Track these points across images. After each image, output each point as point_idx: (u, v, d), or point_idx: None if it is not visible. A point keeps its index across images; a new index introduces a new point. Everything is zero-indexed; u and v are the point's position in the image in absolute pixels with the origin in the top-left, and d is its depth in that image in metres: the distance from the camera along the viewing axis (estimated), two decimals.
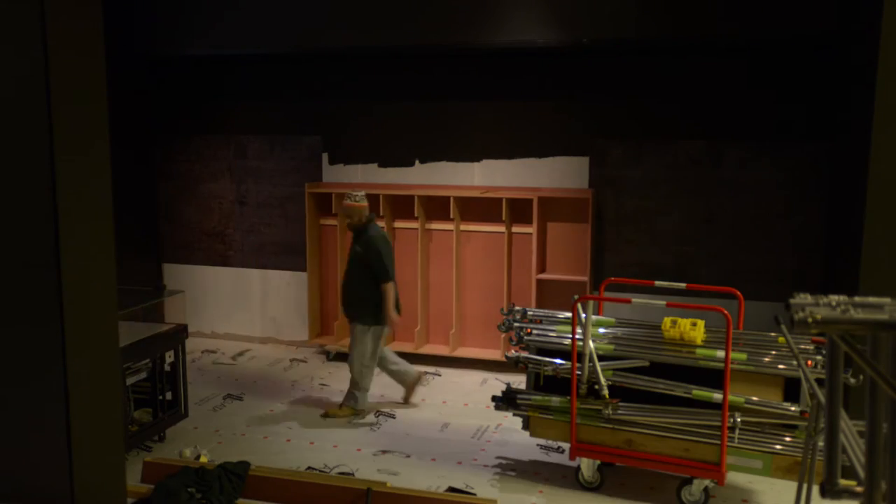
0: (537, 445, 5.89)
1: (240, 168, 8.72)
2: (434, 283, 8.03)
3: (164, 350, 5.83)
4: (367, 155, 8.23)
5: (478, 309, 7.89)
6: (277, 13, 7.52)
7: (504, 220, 7.56)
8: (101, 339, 3.57)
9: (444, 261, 7.93)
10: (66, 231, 3.28)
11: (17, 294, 3.37)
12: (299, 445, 5.90)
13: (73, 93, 3.33)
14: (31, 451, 3.44)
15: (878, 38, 5.10)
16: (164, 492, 4.70)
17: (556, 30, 6.87)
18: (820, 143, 6.94)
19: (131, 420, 5.61)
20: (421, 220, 7.87)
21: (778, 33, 6.47)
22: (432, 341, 8.07)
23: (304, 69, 8.37)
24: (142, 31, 8.05)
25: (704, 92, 7.21)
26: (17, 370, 3.41)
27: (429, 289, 8.04)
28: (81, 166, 3.40)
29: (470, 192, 7.70)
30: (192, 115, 8.83)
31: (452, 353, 7.85)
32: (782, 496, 5.13)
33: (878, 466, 1.76)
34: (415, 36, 7.21)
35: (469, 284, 7.91)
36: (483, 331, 7.86)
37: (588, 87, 7.55)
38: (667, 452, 4.93)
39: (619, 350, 5.06)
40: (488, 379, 7.53)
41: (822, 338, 4.45)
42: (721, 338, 4.95)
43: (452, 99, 7.92)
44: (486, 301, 7.83)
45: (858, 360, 1.69)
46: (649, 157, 7.41)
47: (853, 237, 5.53)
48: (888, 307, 1.74)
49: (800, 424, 4.65)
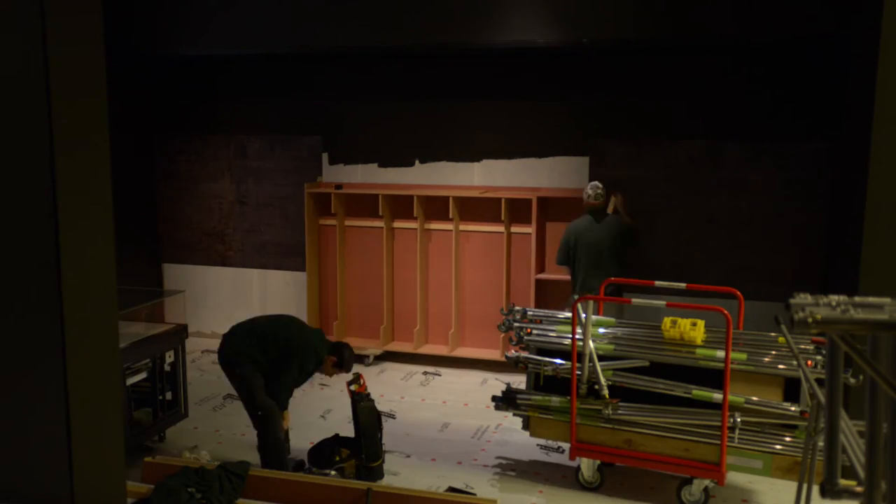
0: (537, 445, 5.89)
1: (240, 168, 8.72)
2: (433, 283, 8.03)
3: (164, 350, 5.83)
4: (367, 155, 8.23)
5: (477, 309, 7.90)
6: (277, 13, 7.52)
7: (503, 220, 7.56)
8: (101, 339, 3.56)
9: (443, 260, 7.93)
10: (66, 231, 3.28)
11: (17, 294, 3.36)
12: (300, 446, 5.90)
13: (74, 92, 3.32)
14: (31, 452, 3.44)
15: (878, 38, 5.10)
16: (164, 492, 4.69)
17: (556, 30, 6.87)
18: (820, 143, 6.94)
19: (131, 420, 5.61)
20: (420, 220, 7.87)
21: (778, 33, 6.47)
22: (432, 341, 8.07)
23: (304, 69, 8.37)
24: (142, 31, 8.04)
25: (704, 92, 7.22)
26: (17, 370, 3.41)
27: (428, 288, 8.04)
28: (81, 166, 3.40)
29: (469, 192, 7.70)
30: (192, 115, 8.83)
31: (451, 352, 7.85)
32: (782, 496, 5.13)
33: (878, 466, 1.76)
34: (415, 36, 7.21)
35: (468, 284, 7.92)
36: (482, 331, 7.87)
37: (588, 87, 7.55)
38: (667, 452, 4.92)
39: (619, 350, 5.06)
40: (488, 379, 7.53)
41: (822, 338, 4.45)
42: (721, 338, 4.95)
43: (452, 99, 7.92)
44: (485, 301, 7.84)
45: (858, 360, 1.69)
46: (649, 157, 7.41)
47: (853, 237, 5.52)
48: (888, 307, 1.74)
49: (800, 424, 4.64)
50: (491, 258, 7.79)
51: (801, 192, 7.03)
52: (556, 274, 7.50)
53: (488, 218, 7.71)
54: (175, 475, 4.84)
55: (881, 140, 5.15)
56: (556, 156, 7.66)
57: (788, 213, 7.06)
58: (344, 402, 6.57)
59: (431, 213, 7.93)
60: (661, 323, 5.14)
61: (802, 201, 7.04)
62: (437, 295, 8.01)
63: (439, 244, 7.94)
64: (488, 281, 7.81)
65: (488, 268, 7.81)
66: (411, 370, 7.82)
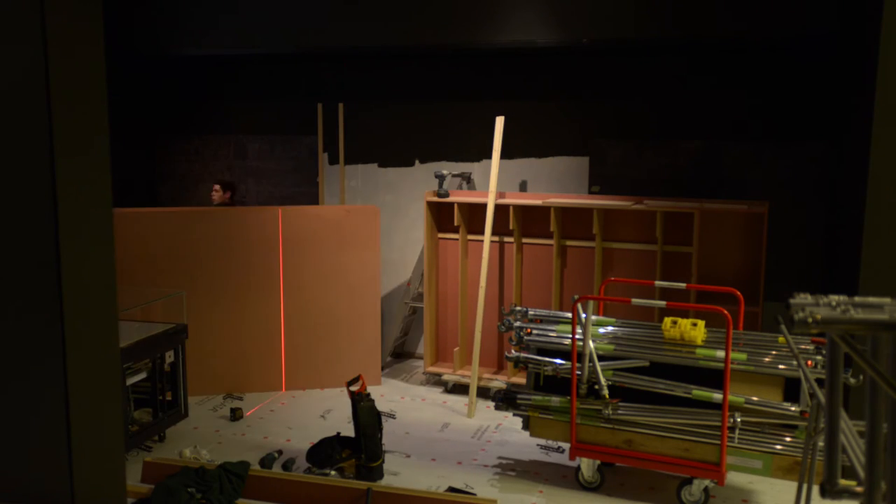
0: (537, 445, 5.89)
1: (240, 168, 8.72)
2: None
3: (164, 350, 5.83)
4: (367, 155, 8.23)
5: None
6: (277, 13, 7.52)
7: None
8: (101, 339, 3.57)
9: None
10: (67, 231, 3.28)
11: (17, 294, 3.37)
12: (300, 445, 5.90)
13: (74, 92, 3.33)
14: (31, 451, 3.44)
15: (878, 38, 5.10)
16: (164, 492, 4.70)
17: (556, 30, 6.87)
18: (820, 143, 6.94)
19: (131, 420, 5.61)
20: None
21: (778, 33, 6.46)
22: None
23: (304, 69, 8.37)
24: (142, 31, 8.04)
25: (704, 92, 7.22)
26: (17, 370, 3.41)
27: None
28: (82, 166, 3.40)
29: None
30: (192, 116, 8.83)
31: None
32: (782, 496, 5.13)
33: (878, 466, 1.76)
34: (415, 36, 7.21)
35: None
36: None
37: (588, 87, 7.55)
38: (667, 452, 4.92)
39: (619, 350, 5.06)
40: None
41: (822, 338, 4.45)
42: (721, 338, 4.95)
43: (452, 99, 7.92)
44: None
45: (858, 360, 1.69)
46: (649, 157, 7.41)
47: (853, 237, 5.53)
48: (888, 307, 1.74)
49: (800, 424, 4.64)
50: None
51: (802, 193, 7.03)
52: None
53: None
54: (175, 475, 4.85)
55: (881, 140, 5.15)
56: (557, 156, 7.65)
57: (788, 213, 7.05)
58: (344, 402, 6.58)
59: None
60: (661, 323, 5.14)
61: (802, 201, 7.04)
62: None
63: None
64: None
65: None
66: (414, 366, 7.83)
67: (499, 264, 7.39)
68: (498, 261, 7.38)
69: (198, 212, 7.33)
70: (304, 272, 7.18)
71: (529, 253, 7.28)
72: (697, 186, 7.27)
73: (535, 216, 7.13)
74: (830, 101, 6.79)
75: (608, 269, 6.94)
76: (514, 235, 7.15)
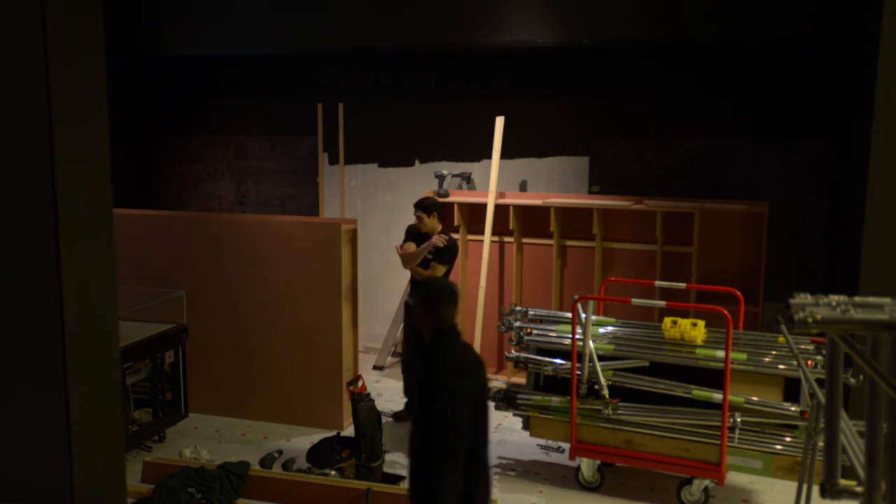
0: (537, 445, 5.88)
1: (240, 168, 8.72)
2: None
3: (164, 350, 5.83)
4: (366, 155, 8.23)
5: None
6: (277, 13, 7.53)
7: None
8: (101, 339, 3.57)
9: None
10: (66, 231, 3.28)
11: (17, 294, 3.36)
12: (300, 445, 5.90)
13: (74, 93, 3.32)
14: (31, 451, 3.44)
15: (878, 38, 5.11)
16: (164, 492, 4.70)
17: (556, 30, 6.87)
18: (820, 143, 6.94)
19: (131, 420, 5.61)
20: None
21: (778, 33, 6.47)
22: None
23: (304, 69, 8.37)
24: (142, 32, 8.05)
25: (705, 92, 7.22)
26: (17, 370, 3.41)
27: None
28: (82, 166, 3.40)
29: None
30: (192, 115, 8.83)
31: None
32: (782, 496, 5.13)
33: (878, 466, 1.76)
34: (415, 36, 7.21)
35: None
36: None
37: (588, 87, 7.55)
38: (667, 452, 4.92)
39: (619, 350, 5.06)
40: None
41: (822, 338, 4.45)
42: (721, 338, 4.95)
43: (452, 99, 7.92)
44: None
45: (858, 360, 1.69)
46: (649, 157, 7.41)
47: (853, 237, 5.53)
48: (888, 307, 1.74)
49: (800, 424, 4.65)
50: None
51: (802, 193, 7.03)
52: None
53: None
54: (175, 475, 4.85)
55: (881, 140, 5.15)
56: (557, 156, 7.65)
57: (788, 214, 7.05)
58: None
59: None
60: (661, 323, 5.14)
61: (802, 201, 7.04)
62: None
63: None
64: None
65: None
66: None
67: (499, 264, 7.41)
68: (498, 261, 7.40)
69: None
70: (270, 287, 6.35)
71: (529, 253, 7.30)
72: (697, 186, 7.27)
73: (535, 216, 7.14)
74: (830, 102, 6.79)
75: (608, 269, 6.95)
76: (514, 235, 7.18)
